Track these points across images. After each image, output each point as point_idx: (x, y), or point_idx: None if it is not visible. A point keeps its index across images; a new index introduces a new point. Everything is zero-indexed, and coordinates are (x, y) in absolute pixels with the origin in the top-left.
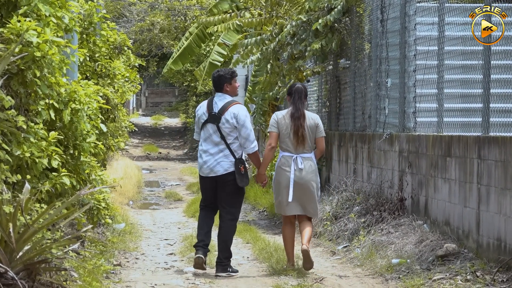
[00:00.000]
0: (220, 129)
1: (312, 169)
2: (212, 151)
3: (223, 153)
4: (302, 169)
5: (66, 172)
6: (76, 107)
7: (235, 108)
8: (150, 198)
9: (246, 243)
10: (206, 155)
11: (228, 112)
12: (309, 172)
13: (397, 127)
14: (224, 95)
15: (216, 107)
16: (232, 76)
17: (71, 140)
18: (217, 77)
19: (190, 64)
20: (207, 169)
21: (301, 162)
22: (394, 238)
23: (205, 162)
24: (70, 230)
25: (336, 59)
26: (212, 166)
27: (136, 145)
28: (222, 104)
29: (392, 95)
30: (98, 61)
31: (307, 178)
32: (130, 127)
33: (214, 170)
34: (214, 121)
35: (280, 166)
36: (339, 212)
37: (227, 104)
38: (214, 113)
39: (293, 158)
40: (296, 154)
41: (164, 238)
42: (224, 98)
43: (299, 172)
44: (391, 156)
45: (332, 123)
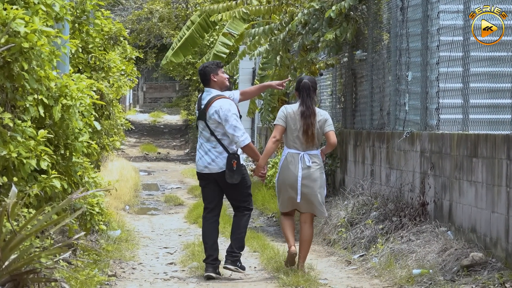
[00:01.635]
0: (208, 125)
1: (318, 166)
2: (206, 147)
3: (216, 150)
4: (310, 166)
5: (56, 174)
6: (67, 103)
7: (217, 103)
8: (148, 203)
9: (253, 251)
10: (201, 150)
11: (211, 107)
12: (317, 169)
13: (418, 125)
14: (210, 89)
15: (203, 103)
16: (217, 66)
17: (62, 139)
18: (202, 70)
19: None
20: (202, 165)
21: (308, 159)
22: (415, 246)
23: (200, 158)
24: (60, 237)
25: (352, 51)
26: (207, 163)
27: (133, 145)
28: (207, 99)
29: (413, 89)
30: (91, 52)
31: (315, 175)
32: (126, 125)
33: (209, 167)
34: (202, 117)
35: (287, 163)
36: (355, 218)
37: (212, 99)
38: (201, 109)
39: (300, 156)
40: (303, 152)
41: (163, 246)
42: (210, 93)
43: (307, 170)
44: (412, 157)
45: (347, 120)
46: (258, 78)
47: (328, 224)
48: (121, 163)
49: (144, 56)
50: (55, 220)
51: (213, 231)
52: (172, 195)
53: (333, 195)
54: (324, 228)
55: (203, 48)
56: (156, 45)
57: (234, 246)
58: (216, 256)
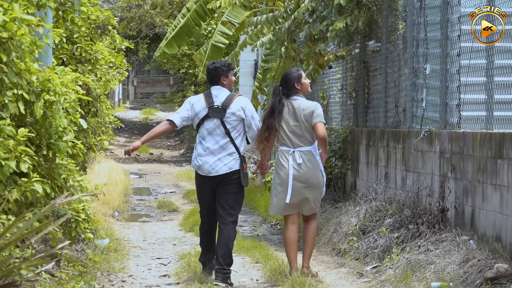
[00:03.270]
0: (225, 123)
1: (313, 164)
2: (213, 148)
3: (227, 151)
4: (301, 164)
5: (38, 177)
6: (50, 98)
7: (243, 100)
8: (139, 209)
9: (255, 262)
10: (206, 153)
11: (235, 104)
12: (310, 168)
13: (437, 123)
14: (222, 87)
15: (217, 100)
16: (229, 69)
17: (44, 139)
18: (213, 69)
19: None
20: (208, 169)
21: (299, 156)
22: (434, 256)
23: (206, 161)
24: (43, 247)
25: (364, 41)
26: (214, 165)
27: (122, 145)
28: (224, 96)
29: (432, 84)
30: (77, 43)
31: (308, 174)
32: (115, 123)
33: (217, 169)
34: (217, 115)
35: (278, 161)
36: (367, 225)
37: (231, 96)
38: (217, 107)
39: (290, 153)
40: (294, 148)
41: (156, 256)
42: (224, 90)
43: (298, 168)
44: (430, 158)
45: (359, 118)
46: (260, 71)
47: (338, 232)
48: (109, 165)
49: (135, 47)
50: (37, 227)
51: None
52: (166, 200)
53: (344, 200)
54: (333, 236)
55: (200, 38)
56: (148, 34)
57: (224, 263)
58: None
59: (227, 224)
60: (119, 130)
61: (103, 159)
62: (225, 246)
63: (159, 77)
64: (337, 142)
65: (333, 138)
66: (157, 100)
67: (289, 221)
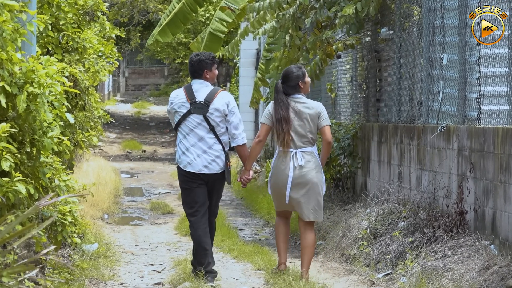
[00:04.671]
0: (209, 119)
1: (314, 165)
2: (199, 145)
3: (213, 148)
4: (303, 166)
5: (21, 176)
6: (34, 91)
7: (227, 95)
8: (131, 211)
9: (257, 269)
10: (194, 149)
11: (218, 99)
12: (311, 169)
13: (455, 118)
14: (204, 81)
15: (199, 95)
16: (213, 62)
17: (27, 135)
18: (197, 62)
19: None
20: (200, 165)
21: (301, 158)
22: (451, 263)
23: (196, 157)
24: (26, 252)
25: (376, 29)
26: (207, 163)
27: (113, 141)
28: (207, 91)
29: (449, 75)
30: (63, 30)
31: (309, 176)
32: (105, 118)
33: (209, 167)
34: (199, 111)
35: (277, 163)
36: (379, 229)
37: (215, 91)
38: (199, 102)
39: (291, 154)
40: (295, 149)
41: (149, 263)
42: (206, 85)
43: (300, 170)
44: (448, 156)
45: (370, 112)
46: (263, 62)
47: (347, 237)
48: (98, 163)
49: (127, 35)
50: (20, 231)
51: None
52: (160, 201)
53: (353, 202)
54: (342, 241)
55: (197, 25)
56: (141, 21)
57: (212, 261)
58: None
59: (211, 222)
60: (109, 126)
61: (91, 156)
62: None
63: (152, 68)
64: (346, 139)
65: (342, 134)
66: (151, 92)
67: (283, 215)
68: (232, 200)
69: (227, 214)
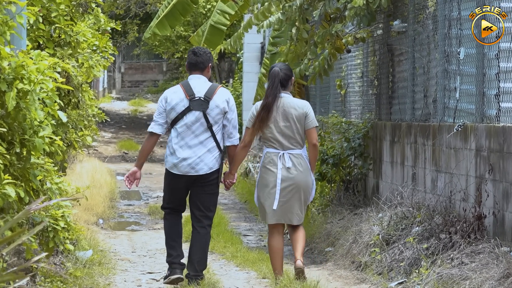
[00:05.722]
0: (208, 116)
1: (303, 168)
2: (192, 144)
3: (207, 147)
4: (290, 168)
5: (10, 179)
6: (24, 87)
7: (226, 92)
8: (127, 215)
9: (262, 278)
10: (184, 149)
11: (218, 95)
12: (300, 172)
13: (473, 116)
14: (203, 77)
15: (198, 91)
16: (212, 58)
17: (17, 134)
18: (203, 53)
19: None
20: (186, 167)
21: (289, 159)
22: (469, 271)
23: (185, 158)
24: (16, 259)
25: (388, 21)
26: (194, 164)
27: (108, 141)
28: (206, 86)
29: (466, 70)
30: (55, 23)
31: (297, 179)
32: (99, 116)
33: (196, 168)
34: (199, 107)
35: (265, 165)
36: (392, 234)
37: (214, 87)
38: (199, 98)
39: (279, 155)
40: (283, 151)
41: (147, 271)
42: (204, 80)
43: (287, 172)
44: (465, 156)
45: (382, 110)
46: (268, 56)
47: (358, 243)
48: (93, 164)
49: (123, 28)
50: (9, 237)
51: (179, 228)
52: (158, 205)
53: (364, 206)
54: (352, 247)
55: (198, 17)
56: (138, 14)
57: (198, 269)
58: (183, 256)
59: (203, 228)
60: (104, 124)
61: (85, 157)
62: (201, 252)
63: (150, 63)
64: (356, 138)
65: (352, 134)
66: (148, 89)
67: (275, 229)
68: (236, 204)
69: (230, 219)
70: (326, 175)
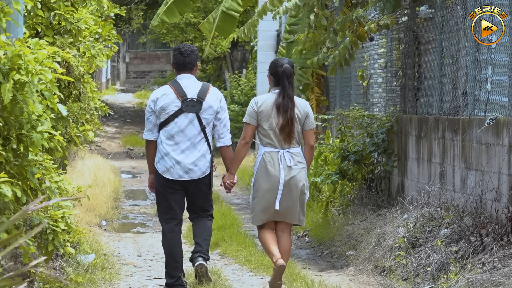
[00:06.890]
0: (201, 118)
1: (302, 166)
2: (184, 147)
3: (199, 151)
4: (291, 167)
5: (6, 177)
6: (21, 79)
7: (217, 91)
8: (132, 216)
9: None
10: (177, 153)
11: (211, 95)
12: (300, 170)
13: (505, 109)
14: (192, 76)
15: (190, 92)
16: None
17: (13, 129)
18: (190, 53)
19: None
20: (180, 171)
21: (290, 159)
22: (501, 276)
23: (178, 162)
24: (12, 264)
25: (414, 7)
26: (187, 168)
27: (112, 136)
28: (198, 86)
29: (499, 60)
30: (54, 9)
31: (299, 177)
32: (102, 110)
33: (190, 173)
34: (192, 109)
35: (264, 164)
36: (418, 237)
37: (206, 87)
38: (191, 99)
39: (279, 155)
40: (282, 150)
41: (154, 276)
42: (194, 80)
43: (288, 171)
44: (497, 153)
45: (407, 103)
46: (284, 45)
47: (382, 246)
48: (95, 161)
49: (127, 15)
50: (5, 240)
51: (180, 246)
52: None
53: (388, 206)
54: (375, 251)
55: (208, 3)
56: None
57: (204, 247)
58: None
59: (207, 221)
60: (107, 118)
61: (87, 154)
62: (206, 232)
63: (157, 52)
64: (380, 133)
65: (375, 128)
66: (155, 80)
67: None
68: (249, 204)
69: (243, 220)
70: (347, 172)
